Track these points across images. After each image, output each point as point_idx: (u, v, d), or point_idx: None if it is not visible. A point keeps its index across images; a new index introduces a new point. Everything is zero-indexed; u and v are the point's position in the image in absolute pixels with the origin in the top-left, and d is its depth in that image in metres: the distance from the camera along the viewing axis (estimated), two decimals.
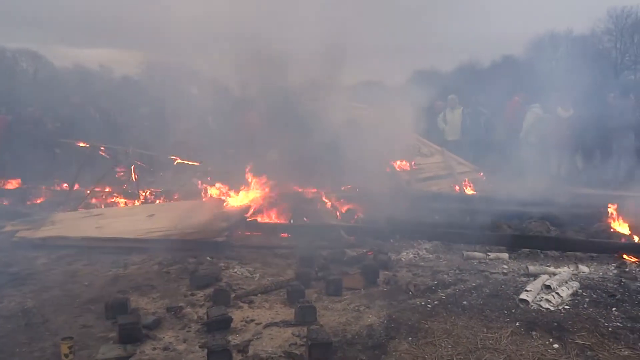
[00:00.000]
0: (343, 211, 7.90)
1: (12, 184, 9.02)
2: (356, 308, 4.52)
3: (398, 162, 10.42)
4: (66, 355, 3.55)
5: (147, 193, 8.32)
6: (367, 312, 4.42)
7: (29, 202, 8.37)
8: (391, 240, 6.84)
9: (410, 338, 3.89)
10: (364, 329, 4.05)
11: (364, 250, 6.14)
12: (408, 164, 10.48)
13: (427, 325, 4.11)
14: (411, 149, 11.07)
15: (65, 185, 9.17)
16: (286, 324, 4.14)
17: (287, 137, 10.85)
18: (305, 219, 7.33)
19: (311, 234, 6.54)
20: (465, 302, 4.62)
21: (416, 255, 6.28)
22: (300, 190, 8.38)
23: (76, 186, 8.92)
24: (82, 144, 8.66)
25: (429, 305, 4.55)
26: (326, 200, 8.13)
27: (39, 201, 8.44)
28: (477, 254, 6.19)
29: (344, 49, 9.74)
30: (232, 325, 4.08)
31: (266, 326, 4.12)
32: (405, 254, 6.32)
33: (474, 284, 5.14)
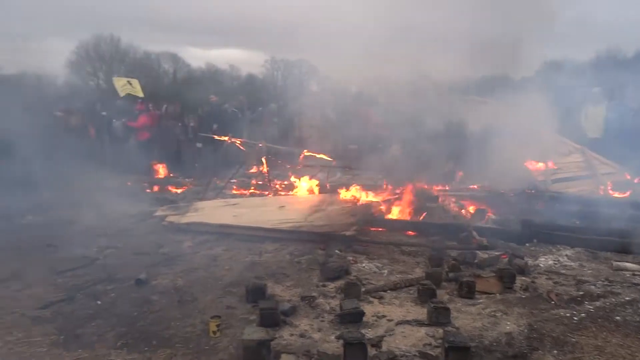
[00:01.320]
0: (472, 211, 7.57)
1: (161, 174, 10.02)
2: (492, 313, 4.30)
3: (532, 161, 9.73)
4: (214, 333, 3.86)
5: (278, 185, 8.71)
6: (504, 319, 4.19)
7: (174, 191, 9.23)
8: (526, 244, 6.41)
9: (555, 351, 3.62)
10: (502, 337, 3.84)
11: (498, 253, 5.83)
12: (543, 163, 9.73)
13: (574, 339, 3.78)
14: (547, 146, 10.25)
15: (206, 176, 9.97)
16: (419, 323, 4.07)
17: (411, 133, 10.69)
18: (433, 217, 7.14)
19: (440, 233, 6.36)
20: (618, 318, 4.18)
21: (556, 262, 5.81)
22: (426, 187, 8.21)
23: (214, 178, 9.65)
24: (220, 138, 9.33)
25: (575, 318, 4.18)
26: (454, 199, 7.86)
27: (182, 190, 9.27)
28: (629, 264, 5.56)
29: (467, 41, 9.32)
30: (364, 319, 4.12)
31: (398, 323, 4.09)
32: (543, 259, 5.88)
33: (627, 298, 4.62)
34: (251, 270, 5.38)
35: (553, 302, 4.53)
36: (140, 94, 12.93)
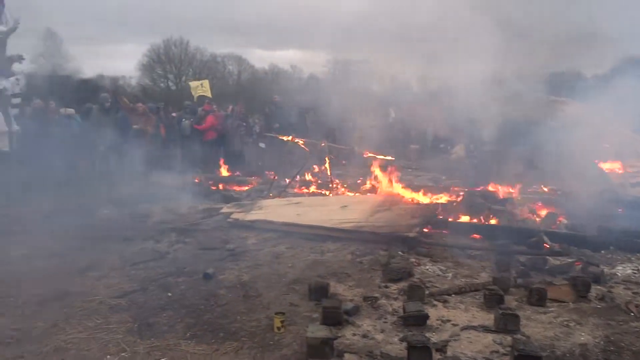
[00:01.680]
0: (543, 214, 7.24)
1: (226, 173, 10.33)
2: (564, 323, 4.10)
3: (608, 163, 9.16)
4: (278, 328, 3.93)
5: (340, 185, 8.74)
6: (578, 329, 3.98)
7: (239, 189, 9.50)
8: (602, 252, 6.05)
9: None
10: (576, 348, 3.66)
11: (571, 260, 5.54)
12: (621, 165, 9.14)
13: None
14: (624, 147, 9.62)
15: (270, 175, 10.18)
16: (486, 329, 3.95)
17: (474, 133, 10.38)
18: (499, 220, 6.89)
19: (507, 237, 6.13)
20: None
21: (636, 271, 5.44)
22: (492, 189, 7.94)
23: (277, 176, 9.84)
24: (283, 138, 9.49)
25: None
26: (521, 202, 7.55)
27: (246, 188, 9.52)
28: None
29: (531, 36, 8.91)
30: (428, 322, 4.05)
31: (464, 328, 3.99)
32: (621, 268, 5.53)
33: None
34: (313, 269, 5.43)
35: (633, 314, 4.25)
36: (209, 95, 13.40)
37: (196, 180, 10.35)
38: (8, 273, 5.26)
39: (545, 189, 8.20)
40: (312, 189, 8.88)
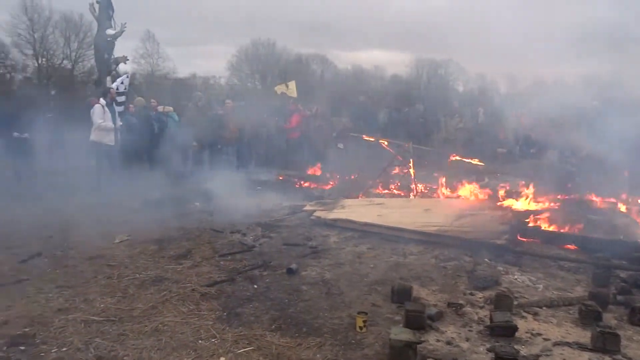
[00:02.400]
0: None
1: (313, 171, 10.53)
2: None
3: None
4: (360, 328, 3.95)
5: (423, 187, 8.59)
6: None
7: (322, 187, 9.63)
8: None
9: None
10: None
11: None
12: None
13: None
14: None
15: (352, 175, 10.24)
16: (581, 347, 3.71)
17: (572, 136, 9.74)
18: (596, 231, 6.43)
19: (606, 249, 5.70)
20: None
21: None
22: (590, 198, 7.42)
23: (359, 177, 9.87)
24: (368, 138, 9.49)
25: None
26: (625, 212, 6.98)
27: (329, 187, 9.64)
28: None
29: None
30: (517, 334, 3.88)
31: (556, 344, 3.78)
32: None
33: None
34: (395, 271, 5.39)
35: None
36: (294, 95, 13.70)
37: (280, 178, 10.65)
38: (111, 256, 5.75)
39: None
40: (395, 190, 8.79)
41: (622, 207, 7.14)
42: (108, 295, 4.61)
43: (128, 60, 14.19)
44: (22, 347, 3.63)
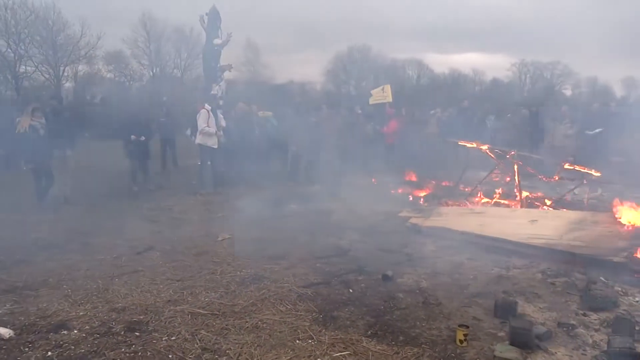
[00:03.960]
0: None
1: (409, 177, 10.37)
2: None
3: None
4: (461, 342, 3.79)
5: (528, 197, 8.07)
6: None
7: (418, 193, 9.43)
8: None
9: None
10: None
11: None
12: None
13: None
14: None
15: (448, 181, 9.92)
16: None
17: None
18: None
19: None
20: None
21: None
22: None
23: (457, 184, 9.53)
24: (467, 144, 9.13)
25: None
26: None
27: (426, 193, 9.40)
28: None
29: None
30: None
31: None
32: None
33: None
34: (498, 284, 5.11)
35: None
36: (389, 99, 13.60)
37: (373, 181, 10.60)
38: (216, 254, 6.06)
39: None
40: (497, 199, 8.35)
41: None
42: (212, 290, 4.86)
43: (232, 68, 14.97)
44: (137, 333, 3.93)
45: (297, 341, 3.83)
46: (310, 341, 3.83)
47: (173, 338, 3.86)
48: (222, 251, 6.18)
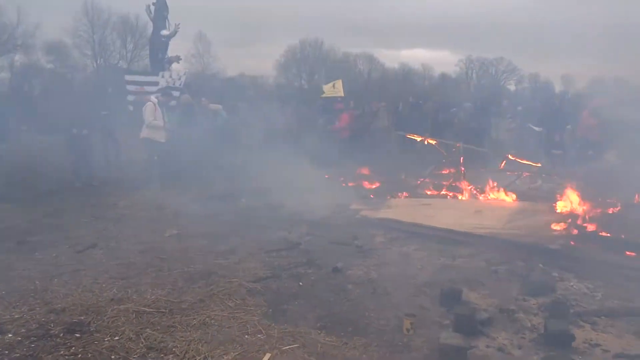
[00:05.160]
0: None
1: (361, 171, 10.45)
2: None
3: None
4: (407, 330, 3.87)
5: (472, 188, 8.34)
6: None
7: (369, 186, 9.55)
8: None
9: None
10: None
11: None
12: None
13: None
14: None
15: (397, 174, 10.10)
16: None
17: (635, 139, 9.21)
18: None
19: None
20: None
21: None
22: None
23: (406, 176, 9.73)
24: (415, 138, 9.31)
25: None
26: None
27: (376, 186, 9.53)
28: None
29: None
30: (573, 344, 3.68)
31: (617, 356, 3.57)
32: None
33: None
34: (444, 273, 5.25)
35: None
36: (341, 94, 13.68)
37: (326, 176, 10.62)
38: (163, 250, 5.90)
39: None
40: (443, 191, 8.59)
41: None
42: (158, 287, 4.72)
43: (181, 59, 14.61)
44: (78, 335, 3.77)
45: (246, 336, 3.79)
46: (259, 336, 3.81)
47: (116, 338, 3.73)
48: (169, 247, 6.02)
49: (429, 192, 8.72)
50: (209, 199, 8.32)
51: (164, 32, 13.34)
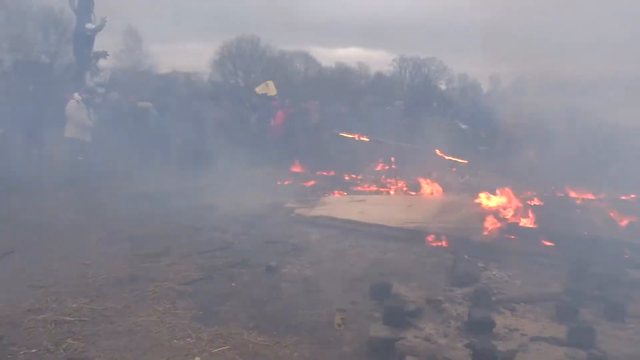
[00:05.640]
0: (624, 224, 6.74)
1: (293, 168, 10.47)
2: None
3: None
4: (339, 325, 3.92)
5: (403, 185, 8.59)
6: None
7: (304, 184, 9.58)
8: None
9: None
10: None
11: None
12: None
13: None
14: None
15: (332, 171, 10.20)
16: (557, 341, 3.73)
17: (552, 136, 9.86)
18: (575, 227, 6.49)
19: (582, 246, 5.76)
20: None
21: None
22: (567, 195, 7.50)
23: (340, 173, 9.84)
24: (347, 135, 9.45)
25: None
26: (602, 210, 7.06)
27: (311, 184, 9.59)
28: None
29: None
30: (494, 330, 3.88)
31: (533, 339, 3.79)
32: None
33: None
34: (375, 268, 5.38)
35: None
36: (274, 93, 13.62)
37: (261, 175, 10.55)
38: (87, 256, 5.61)
39: (632, 196, 7.59)
40: (377, 187, 8.78)
41: (598, 203, 7.22)
42: (81, 295, 4.50)
43: (108, 55, 13.93)
44: None
45: (175, 340, 3.69)
46: (188, 339, 3.72)
47: (33, 350, 3.51)
48: (94, 252, 5.74)
49: (362, 189, 8.88)
50: (141, 200, 8.00)
51: (89, 26, 12.65)
